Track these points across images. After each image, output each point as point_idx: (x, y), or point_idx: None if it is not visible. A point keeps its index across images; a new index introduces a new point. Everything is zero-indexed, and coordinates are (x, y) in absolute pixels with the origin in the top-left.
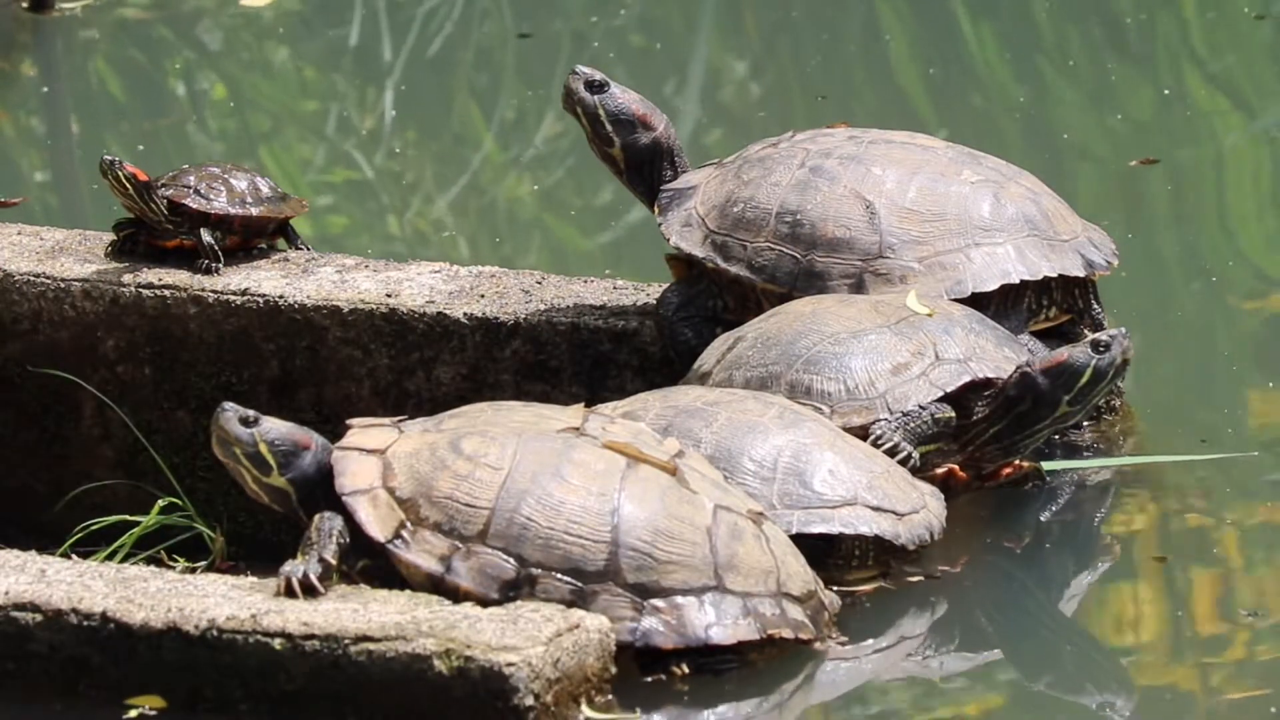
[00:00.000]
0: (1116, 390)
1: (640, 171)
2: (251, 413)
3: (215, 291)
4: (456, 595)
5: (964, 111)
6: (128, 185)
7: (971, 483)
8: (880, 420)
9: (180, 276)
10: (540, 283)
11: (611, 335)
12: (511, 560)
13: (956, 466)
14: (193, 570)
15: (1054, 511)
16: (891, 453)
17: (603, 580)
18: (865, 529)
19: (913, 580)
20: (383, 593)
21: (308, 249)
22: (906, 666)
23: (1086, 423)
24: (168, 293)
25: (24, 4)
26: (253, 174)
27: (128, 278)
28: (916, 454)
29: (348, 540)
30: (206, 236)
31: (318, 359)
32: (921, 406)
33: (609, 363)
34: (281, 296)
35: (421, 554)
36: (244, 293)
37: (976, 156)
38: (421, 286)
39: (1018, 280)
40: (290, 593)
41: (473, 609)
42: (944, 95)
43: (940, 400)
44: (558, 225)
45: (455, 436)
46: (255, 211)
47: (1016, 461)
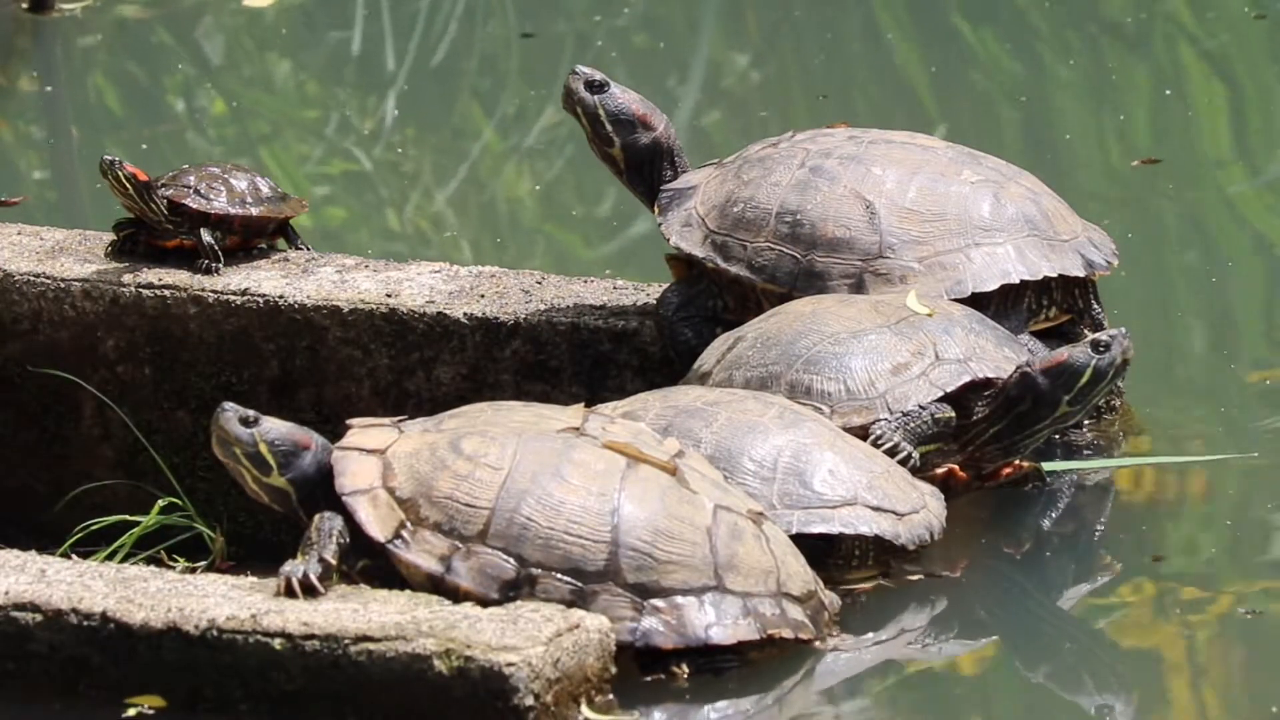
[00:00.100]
0: (1116, 390)
1: (640, 171)
2: (251, 413)
3: (215, 291)
4: (456, 595)
5: (965, 111)
6: (128, 185)
7: (971, 483)
8: (880, 420)
9: (180, 276)
10: (540, 283)
11: (611, 335)
12: (511, 560)
13: (956, 466)
14: (193, 570)
15: (1054, 512)
16: (891, 453)
17: (603, 580)
18: (865, 529)
19: (912, 580)
20: (383, 593)
21: (308, 249)
22: (907, 666)
23: (1086, 423)
24: (168, 293)
25: (24, 4)
26: (253, 174)
27: (128, 278)
28: (916, 454)
29: (348, 540)
30: (206, 236)
31: (318, 359)
32: (921, 406)
33: (609, 363)
34: (281, 296)
35: (421, 554)
36: (244, 293)
37: (976, 156)
38: (421, 286)
39: (1018, 280)
40: (290, 593)
41: (473, 609)
42: (945, 95)
43: (940, 400)
44: (558, 229)
45: (455, 436)
46: (255, 211)
47: (1016, 461)
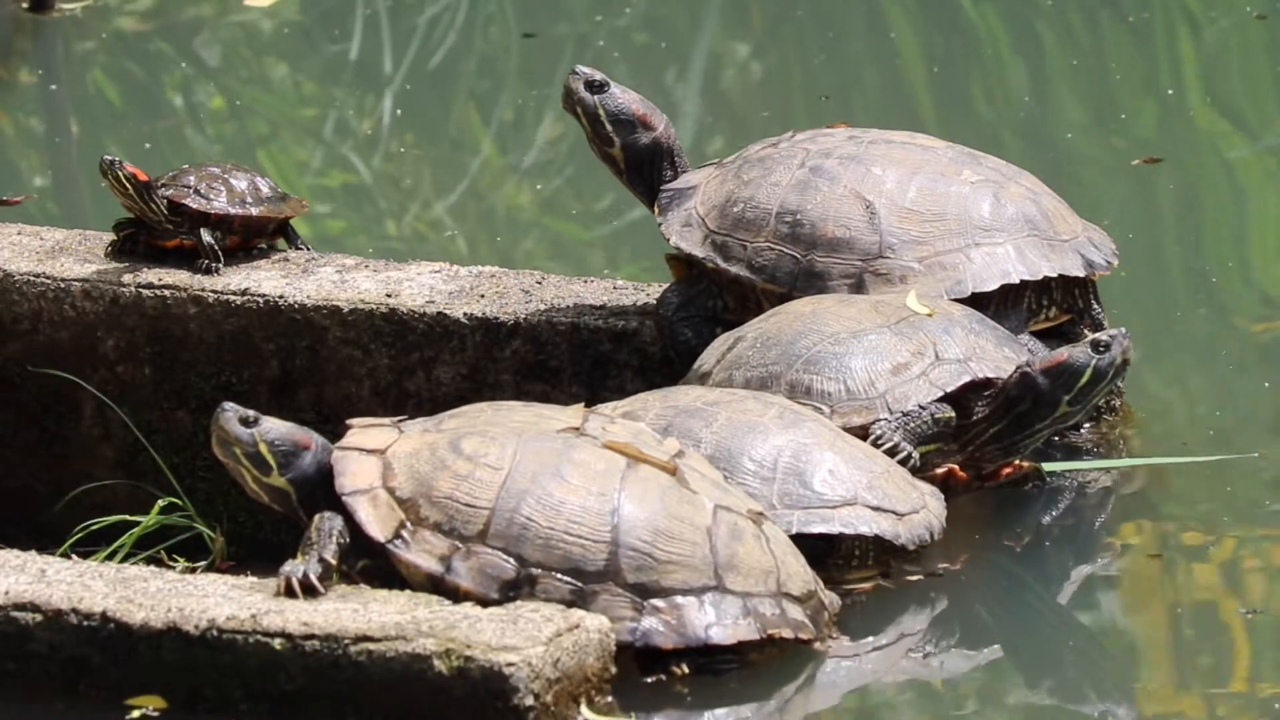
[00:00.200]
0: (1116, 390)
1: (640, 171)
2: (251, 413)
3: (215, 291)
4: (456, 595)
5: (966, 110)
6: (128, 185)
7: (971, 483)
8: (880, 420)
9: (180, 276)
10: (540, 283)
11: (611, 335)
12: (511, 560)
13: (956, 466)
14: (193, 570)
15: (1054, 512)
16: (891, 453)
17: (603, 580)
18: (865, 529)
19: (913, 580)
20: (383, 593)
21: (308, 249)
22: (906, 666)
23: (1086, 423)
24: (168, 293)
25: (24, 4)
26: (252, 174)
27: (128, 278)
28: (916, 454)
29: (348, 540)
30: (206, 236)
31: (318, 359)
32: (921, 406)
33: (609, 363)
34: (281, 296)
35: (421, 554)
36: (244, 293)
37: (976, 156)
38: (421, 286)
39: (1018, 280)
40: (290, 593)
41: (473, 609)
42: (947, 94)
43: (940, 400)
44: (556, 223)
45: (455, 436)
46: (255, 211)
47: (1016, 461)
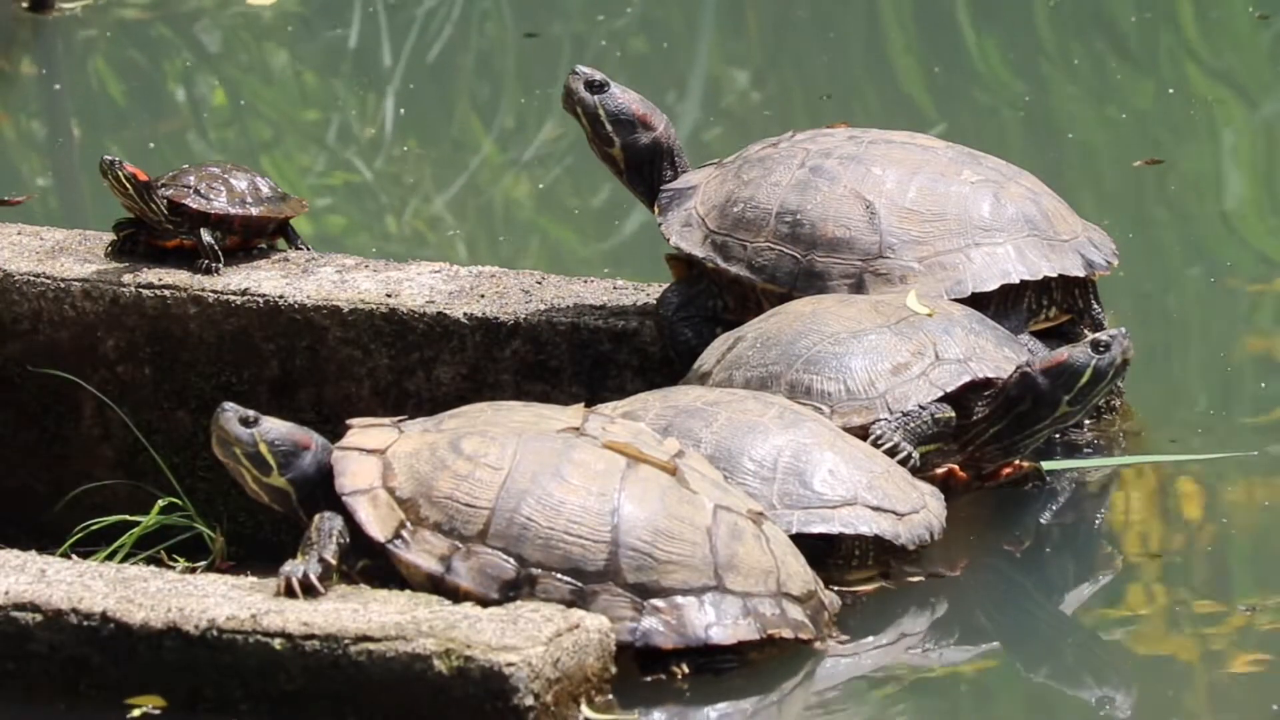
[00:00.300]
0: (1116, 390)
1: (640, 171)
2: (251, 413)
3: (215, 291)
4: (456, 595)
5: (967, 110)
6: (128, 185)
7: (971, 483)
8: (880, 420)
9: (180, 276)
10: (540, 283)
11: (611, 335)
12: (511, 560)
13: (956, 466)
14: (193, 570)
15: (1054, 511)
16: (891, 453)
17: (603, 580)
18: (865, 529)
19: (913, 580)
20: (383, 593)
21: (308, 249)
22: (907, 666)
23: (1086, 422)
24: (168, 293)
25: (24, 4)
26: (252, 174)
27: (128, 278)
28: (916, 454)
29: (348, 540)
30: (206, 236)
31: (318, 359)
32: (921, 406)
33: (609, 363)
34: (281, 296)
35: (421, 554)
36: (244, 293)
37: (976, 156)
38: (421, 286)
39: (1018, 280)
40: (290, 593)
41: (473, 609)
42: (947, 94)
43: (940, 400)
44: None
45: (455, 436)
46: (255, 211)
47: (1016, 461)
